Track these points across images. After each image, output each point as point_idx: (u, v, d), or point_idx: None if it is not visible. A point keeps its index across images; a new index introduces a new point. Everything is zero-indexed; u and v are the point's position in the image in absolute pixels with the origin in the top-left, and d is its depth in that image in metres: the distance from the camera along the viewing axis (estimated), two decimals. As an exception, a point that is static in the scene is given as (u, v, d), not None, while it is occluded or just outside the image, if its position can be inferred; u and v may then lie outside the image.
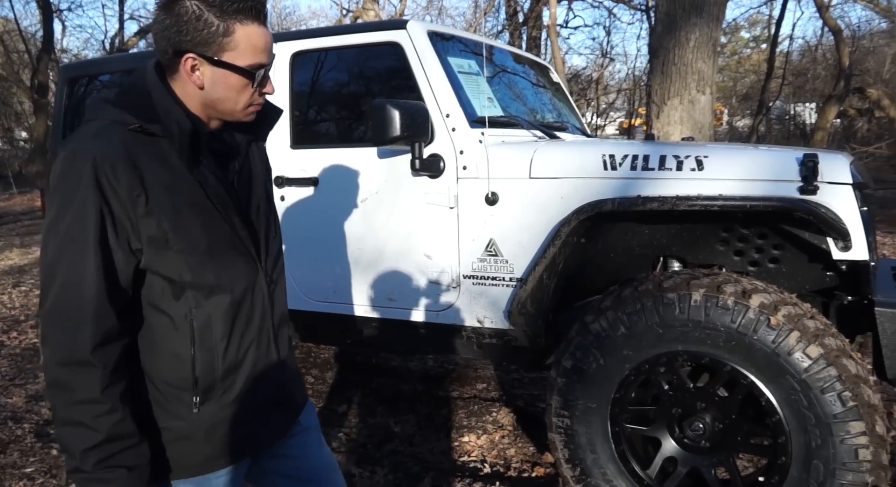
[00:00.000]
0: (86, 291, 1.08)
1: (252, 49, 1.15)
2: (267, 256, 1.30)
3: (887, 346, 2.06)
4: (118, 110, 1.13)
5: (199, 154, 1.17)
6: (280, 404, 1.37)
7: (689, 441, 2.14)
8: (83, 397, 1.09)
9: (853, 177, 2.13)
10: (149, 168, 1.11)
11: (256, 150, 1.33)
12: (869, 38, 16.20)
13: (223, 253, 1.20)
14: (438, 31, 2.90)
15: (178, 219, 1.13)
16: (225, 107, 1.19)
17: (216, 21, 1.11)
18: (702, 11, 5.78)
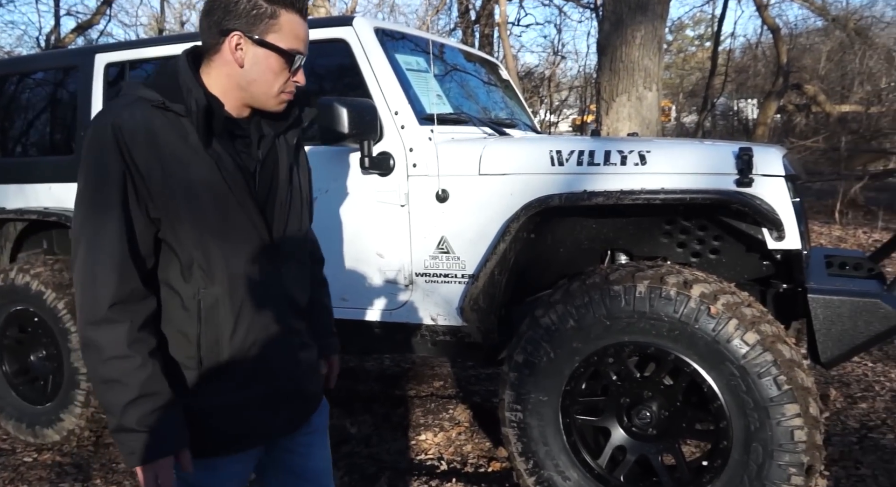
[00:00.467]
0: (110, 251, 1.15)
1: (294, 36, 1.23)
2: (283, 246, 1.31)
3: (820, 331, 2.15)
4: (147, 89, 1.20)
5: (213, 133, 1.21)
6: (292, 397, 1.38)
7: (637, 429, 2.20)
8: (112, 353, 1.15)
9: (785, 170, 2.22)
10: (167, 143, 1.17)
11: (285, 145, 1.35)
12: (805, 35, 16.83)
13: (234, 235, 1.23)
14: (386, 28, 2.89)
15: (191, 195, 1.18)
16: (259, 89, 1.24)
17: (264, 4, 1.19)
18: (647, 10, 5.91)
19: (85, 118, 3.12)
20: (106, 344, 1.15)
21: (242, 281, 1.25)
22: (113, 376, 1.15)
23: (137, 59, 3.09)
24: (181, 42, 3.01)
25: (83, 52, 3.25)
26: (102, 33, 15.37)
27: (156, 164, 1.16)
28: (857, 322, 2.11)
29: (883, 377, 3.51)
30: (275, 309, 1.30)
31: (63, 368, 3.00)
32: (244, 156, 1.27)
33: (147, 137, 1.16)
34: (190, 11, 20.70)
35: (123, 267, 1.16)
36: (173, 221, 1.19)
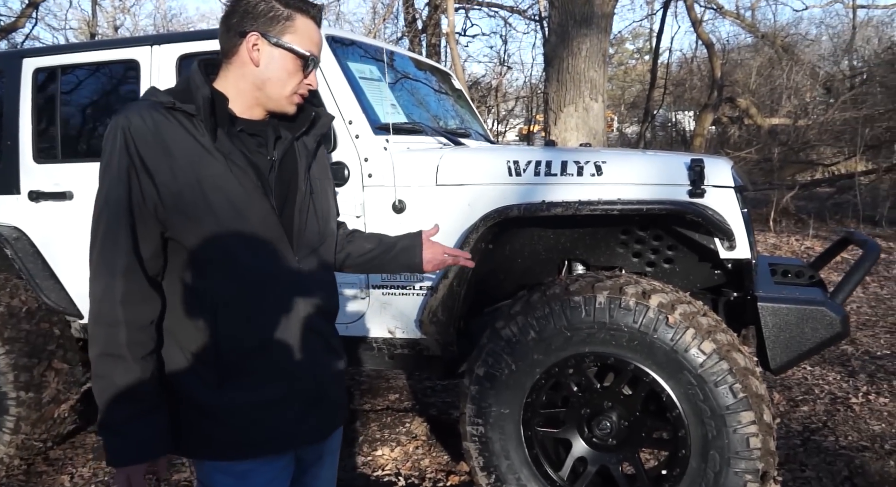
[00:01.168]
0: (119, 248, 1.19)
1: (308, 39, 1.28)
2: (301, 246, 1.32)
3: (769, 338, 2.21)
4: (163, 92, 1.25)
5: (219, 126, 1.24)
6: (317, 403, 1.36)
7: (598, 439, 2.20)
8: (107, 351, 1.20)
9: (734, 181, 2.28)
10: (178, 142, 1.21)
11: (304, 148, 1.37)
12: (737, 51, 17.61)
13: (247, 231, 1.24)
14: (337, 36, 2.83)
15: (202, 191, 1.21)
16: (273, 88, 1.27)
17: (281, 8, 1.25)
18: (591, 23, 6.05)
19: (11, 127, 2.93)
20: (104, 340, 1.20)
21: (257, 277, 1.26)
22: (104, 372, 1.20)
23: (70, 64, 2.93)
24: (116, 47, 2.87)
25: (9, 56, 3.06)
26: (28, 37, 14.66)
27: (165, 163, 1.20)
28: (804, 329, 2.18)
29: (821, 380, 3.66)
30: (293, 307, 1.30)
31: (-10, 393, 2.80)
32: (257, 155, 1.29)
33: (156, 137, 1.20)
34: (123, 15, 20.01)
35: (131, 266, 1.20)
36: (185, 218, 1.21)
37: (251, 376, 1.26)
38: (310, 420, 1.34)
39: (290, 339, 1.30)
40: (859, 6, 18.74)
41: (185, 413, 1.27)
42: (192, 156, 1.21)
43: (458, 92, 3.81)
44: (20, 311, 2.83)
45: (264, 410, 1.28)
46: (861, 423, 3.08)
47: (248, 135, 1.29)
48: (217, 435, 1.26)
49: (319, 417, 1.36)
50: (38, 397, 2.80)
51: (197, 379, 1.25)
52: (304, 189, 1.34)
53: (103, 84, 2.93)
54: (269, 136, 1.31)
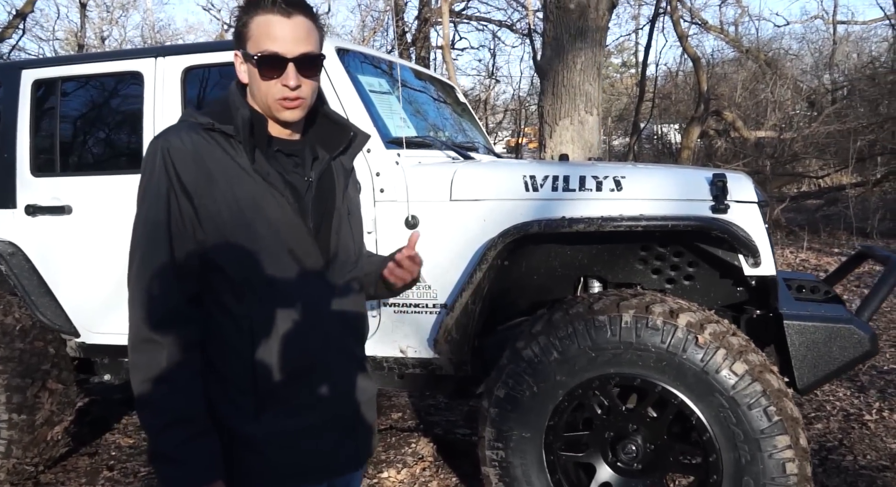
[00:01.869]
0: (158, 270, 1.16)
1: (263, 36, 1.18)
2: (336, 268, 1.28)
3: (796, 357, 2.16)
4: (201, 114, 1.23)
5: (258, 147, 1.21)
6: (352, 431, 1.31)
7: (623, 464, 2.12)
8: (151, 375, 1.15)
9: (757, 196, 2.23)
10: (217, 163, 1.18)
11: (342, 169, 1.34)
12: (722, 65, 17.84)
13: (284, 253, 1.21)
14: (347, 48, 2.77)
15: (240, 212, 1.18)
16: (260, 100, 1.23)
17: (243, 17, 1.21)
18: (586, 37, 6.05)
19: (9, 139, 2.82)
20: (146, 365, 1.15)
21: (295, 300, 1.23)
22: (151, 398, 1.15)
23: (70, 75, 2.84)
24: (119, 58, 2.79)
25: (8, 68, 2.96)
26: (14, 48, 14.44)
27: (204, 184, 1.18)
28: (832, 348, 2.13)
29: (832, 396, 3.62)
30: (331, 331, 1.27)
31: (-20, 417, 2.66)
32: (295, 176, 1.26)
33: (195, 158, 1.18)
34: (110, 27, 19.82)
35: (170, 287, 1.16)
36: (224, 240, 1.19)
37: (289, 403, 1.23)
38: (347, 449, 1.31)
39: (328, 364, 1.27)
40: (839, 22, 19.12)
41: (227, 444, 1.21)
42: (231, 178, 1.19)
43: (463, 105, 3.76)
44: (14, 329, 2.70)
45: (302, 438, 1.24)
46: (878, 441, 3.04)
47: (285, 156, 1.27)
48: (254, 466, 1.21)
49: (355, 444, 1.34)
50: (31, 419, 2.68)
51: (233, 408, 1.21)
52: (342, 209, 1.32)
53: (105, 96, 2.84)
54: (306, 157, 1.29)
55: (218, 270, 1.20)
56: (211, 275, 1.20)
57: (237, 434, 1.21)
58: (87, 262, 2.72)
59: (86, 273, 2.73)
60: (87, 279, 2.74)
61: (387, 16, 14.89)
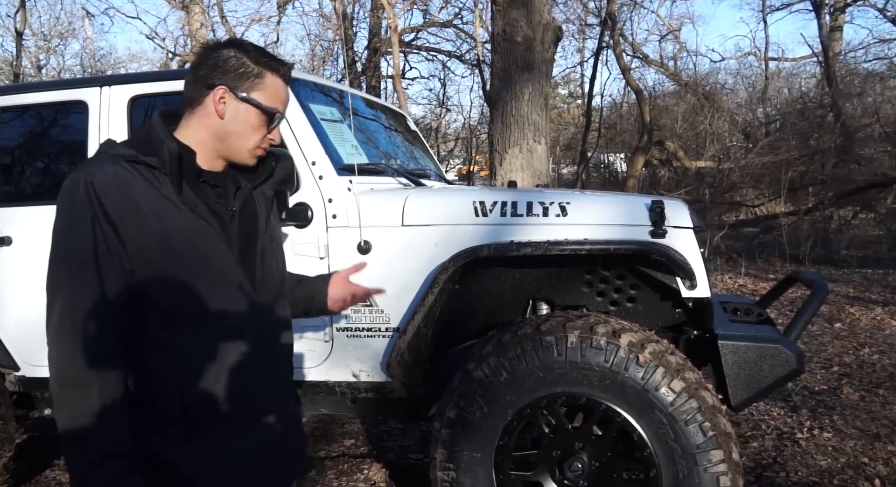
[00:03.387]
0: (89, 305, 1.14)
1: (275, 96, 1.28)
2: (263, 293, 1.31)
3: (729, 375, 2.27)
4: (122, 145, 1.24)
5: (185, 180, 1.23)
6: (283, 452, 1.33)
7: (570, 482, 2.18)
8: (82, 412, 1.14)
9: (692, 222, 2.37)
10: (142, 195, 1.19)
11: (263, 197, 1.38)
12: (663, 97, 18.64)
13: (212, 282, 1.23)
14: (297, 77, 2.81)
15: (167, 243, 1.19)
16: (235, 142, 1.27)
17: (252, 65, 1.26)
18: (532, 69, 6.27)
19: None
20: (75, 402, 1.14)
21: (224, 327, 1.24)
22: (79, 434, 1.14)
23: (9, 105, 2.79)
24: (62, 88, 2.77)
25: None
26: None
27: (130, 216, 1.18)
28: (762, 366, 2.25)
29: (767, 416, 3.78)
30: (261, 357, 1.28)
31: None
32: (219, 206, 1.29)
33: (120, 190, 1.17)
34: (48, 56, 19.29)
35: (97, 326, 1.15)
36: (152, 271, 1.19)
37: (219, 431, 1.24)
38: (276, 471, 1.33)
39: (259, 390, 1.29)
40: (770, 58, 20.28)
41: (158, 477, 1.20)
42: (158, 210, 1.20)
43: (414, 133, 3.84)
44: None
45: (232, 465, 1.25)
46: (808, 458, 3.19)
47: (210, 186, 1.29)
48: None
49: (285, 466, 1.36)
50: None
51: (159, 437, 1.21)
52: (265, 237, 1.35)
53: (47, 126, 2.80)
54: (229, 187, 1.32)
55: (145, 301, 1.20)
56: (138, 306, 1.20)
57: (165, 464, 1.20)
58: (27, 294, 2.64)
59: (25, 305, 2.65)
60: (27, 311, 2.66)
61: (336, 45, 15.02)
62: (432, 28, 15.45)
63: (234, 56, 1.25)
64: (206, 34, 13.15)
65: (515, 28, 6.28)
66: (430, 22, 15.38)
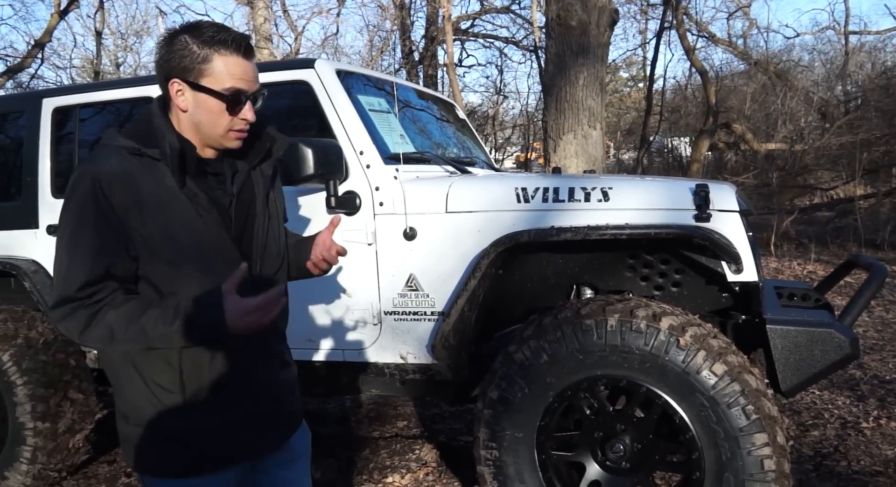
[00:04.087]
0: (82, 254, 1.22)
1: (228, 76, 1.28)
2: (262, 272, 1.39)
3: (778, 360, 2.24)
4: (124, 137, 1.28)
5: (187, 173, 1.29)
6: (274, 418, 1.43)
7: (611, 463, 2.21)
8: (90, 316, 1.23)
9: (739, 205, 2.33)
10: (144, 186, 1.25)
11: (261, 177, 1.43)
12: (731, 78, 17.90)
13: (211, 267, 1.30)
14: (347, 70, 2.92)
15: (169, 232, 1.26)
16: (207, 129, 1.30)
17: (197, 50, 1.26)
18: (588, 53, 6.18)
19: (31, 163, 3.01)
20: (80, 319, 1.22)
21: None
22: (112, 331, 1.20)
23: (88, 102, 3.02)
24: (132, 85, 2.96)
25: (30, 97, 3.15)
26: (34, 77, 14.90)
27: (134, 207, 1.24)
28: (813, 351, 2.21)
29: (830, 405, 3.66)
30: (254, 334, 1.30)
31: (7, 423, 2.81)
32: (218, 193, 1.35)
33: (124, 183, 1.24)
34: (125, 54, 20.35)
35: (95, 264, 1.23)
36: (154, 257, 1.27)
37: (213, 401, 1.33)
38: (267, 435, 1.43)
39: (251, 364, 1.38)
40: (851, 32, 19.11)
41: (146, 437, 1.32)
42: (160, 200, 1.26)
43: (462, 122, 3.89)
44: (38, 343, 2.86)
45: (225, 430, 1.35)
46: (873, 448, 3.08)
47: (210, 175, 1.35)
48: (180, 456, 1.32)
49: (276, 430, 1.46)
50: (54, 427, 2.82)
51: (159, 406, 1.31)
52: (263, 216, 1.41)
53: (121, 121, 3.01)
54: (226, 172, 1.37)
55: (148, 283, 1.28)
56: (145, 289, 1.29)
57: (163, 427, 1.31)
58: None
59: None
60: None
61: (394, 35, 15.17)
62: (489, 14, 15.39)
63: (182, 43, 1.25)
64: (269, 29, 13.55)
65: (570, 12, 6.20)
66: (487, 8, 15.31)
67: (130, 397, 1.33)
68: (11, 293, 3.13)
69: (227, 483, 1.39)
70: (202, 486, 1.35)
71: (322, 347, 2.66)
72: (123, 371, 1.33)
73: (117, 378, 1.35)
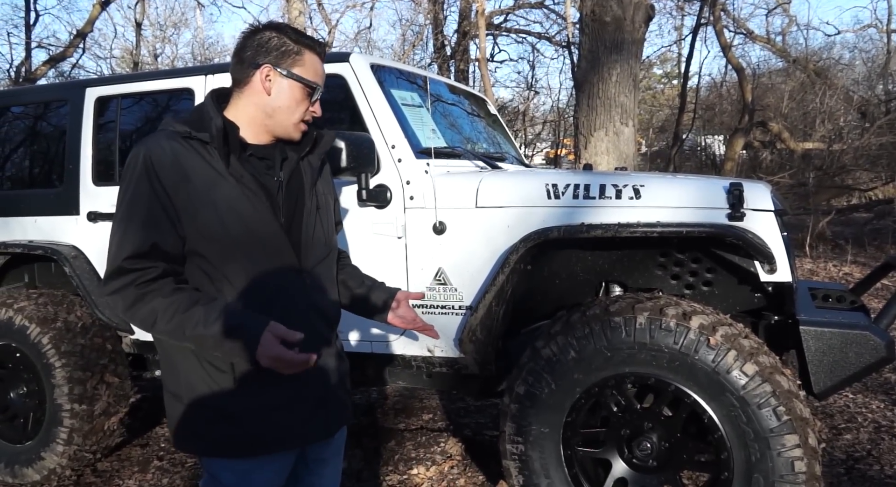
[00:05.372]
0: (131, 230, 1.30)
1: (315, 71, 1.42)
2: (307, 258, 1.44)
3: (812, 362, 2.20)
4: (178, 123, 1.37)
5: (232, 152, 1.35)
6: (324, 404, 1.47)
7: (638, 461, 2.20)
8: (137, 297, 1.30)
9: (774, 205, 2.29)
10: (193, 167, 1.33)
11: (309, 167, 1.50)
12: (768, 75, 17.53)
13: (257, 248, 1.36)
14: (380, 64, 2.94)
15: (216, 212, 1.32)
16: (282, 115, 1.40)
17: (291, 44, 1.39)
18: (622, 49, 6.12)
19: (74, 151, 3.10)
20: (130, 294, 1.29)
21: (266, 290, 1.37)
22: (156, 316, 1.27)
23: (129, 93, 3.09)
24: (172, 77, 3.03)
25: (73, 86, 3.24)
26: (75, 66, 15.29)
27: (182, 187, 1.32)
28: (847, 353, 2.17)
29: (864, 408, 3.59)
30: (300, 317, 1.40)
31: (45, 405, 2.91)
32: (266, 177, 1.41)
33: (174, 164, 1.32)
34: (163, 44, 20.75)
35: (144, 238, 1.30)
36: (201, 237, 1.33)
37: (262, 381, 1.37)
38: (316, 420, 1.47)
39: (300, 348, 1.39)
40: (893, 30, 18.54)
41: (198, 415, 1.38)
42: (208, 181, 1.33)
43: (494, 117, 3.89)
44: (76, 326, 2.95)
45: (274, 412, 1.39)
46: (906, 452, 3.02)
47: (258, 159, 1.42)
48: (231, 434, 1.38)
49: (325, 417, 1.49)
50: (91, 409, 2.90)
51: (214, 386, 1.37)
52: (311, 205, 1.48)
53: (160, 111, 3.08)
54: (276, 159, 1.44)
55: (196, 262, 1.35)
56: (192, 269, 1.36)
57: (216, 406, 1.37)
58: None
59: None
60: None
61: (426, 30, 15.18)
62: (522, 9, 15.30)
63: (275, 36, 1.38)
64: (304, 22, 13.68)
65: (605, 8, 6.14)
66: (520, 3, 15.22)
67: (185, 376, 1.38)
68: (52, 277, 3.23)
69: (280, 470, 1.44)
70: (257, 469, 1.40)
71: (350, 338, 2.70)
72: (179, 350, 1.38)
73: (170, 358, 1.41)
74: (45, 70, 14.11)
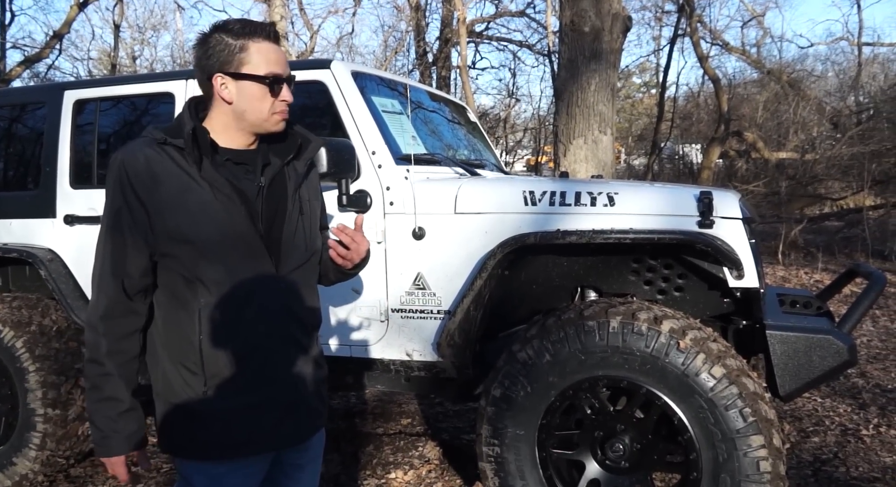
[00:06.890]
0: (108, 268, 1.37)
1: (265, 61, 1.37)
2: (286, 262, 1.44)
3: (777, 365, 2.27)
4: (157, 130, 1.39)
5: (203, 156, 1.36)
6: (295, 409, 1.46)
7: (611, 462, 2.25)
8: (93, 357, 1.39)
9: (742, 213, 2.37)
10: (169, 173, 1.35)
11: (294, 173, 1.49)
12: (743, 86, 17.87)
13: (232, 253, 1.37)
14: (361, 71, 2.97)
15: (190, 216, 1.34)
16: (252, 116, 1.39)
17: (232, 42, 1.36)
18: (600, 59, 6.22)
19: (51, 154, 3.08)
20: (91, 347, 1.39)
21: (240, 292, 1.38)
22: (90, 376, 1.39)
23: (108, 96, 3.09)
24: (152, 81, 3.03)
25: (51, 89, 3.22)
26: (51, 67, 15.09)
27: (154, 193, 1.34)
28: (811, 357, 2.24)
29: (832, 412, 3.68)
30: (274, 321, 1.42)
31: (18, 409, 2.88)
32: (245, 182, 1.41)
33: (147, 170, 1.34)
34: (142, 47, 20.57)
35: (114, 284, 1.36)
36: (173, 242, 1.34)
37: (232, 384, 1.39)
38: (287, 425, 1.46)
39: (270, 350, 1.42)
40: (864, 43, 19.03)
41: (173, 416, 1.40)
42: (180, 185, 1.34)
43: (473, 124, 3.94)
44: (51, 330, 2.93)
45: (244, 415, 1.40)
46: (872, 455, 3.11)
47: (235, 164, 1.41)
48: (201, 437, 1.39)
49: (297, 422, 1.48)
50: (65, 414, 2.88)
51: (185, 386, 1.38)
52: (293, 210, 1.46)
53: (139, 115, 3.08)
54: (257, 164, 1.44)
55: (168, 268, 1.37)
56: (162, 272, 1.38)
57: (186, 407, 1.38)
58: None
59: None
60: None
61: (408, 36, 15.25)
62: (504, 18, 15.44)
63: (216, 40, 1.36)
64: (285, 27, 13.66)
65: (584, 18, 6.24)
66: (502, 11, 15.36)
67: (163, 377, 1.40)
68: (27, 281, 3.21)
69: (253, 475, 1.44)
70: (228, 473, 1.40)
71: (330, 343, 2.72)
72: (161, 351, 1.41)
73: (154, 358, 1.43)
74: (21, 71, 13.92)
